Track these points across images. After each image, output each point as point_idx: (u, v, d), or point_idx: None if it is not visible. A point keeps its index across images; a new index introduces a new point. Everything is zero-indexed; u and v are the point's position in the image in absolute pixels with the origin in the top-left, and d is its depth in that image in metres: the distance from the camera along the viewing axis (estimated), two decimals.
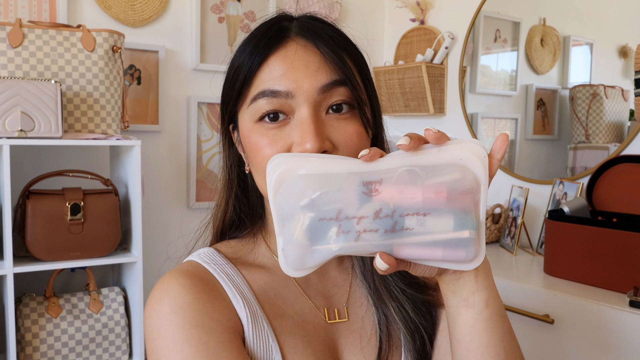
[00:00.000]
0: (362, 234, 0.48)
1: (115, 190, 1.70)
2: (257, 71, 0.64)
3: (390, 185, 0.47)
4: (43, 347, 1.58)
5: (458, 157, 0.48)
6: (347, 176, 0.48)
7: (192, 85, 2.14)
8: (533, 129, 2.09)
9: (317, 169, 0.50)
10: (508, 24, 2.17)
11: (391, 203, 0.47)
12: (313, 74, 0.62)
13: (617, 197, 1.66)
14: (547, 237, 1.58)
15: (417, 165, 0.48)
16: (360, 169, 0.49)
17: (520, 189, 1.93)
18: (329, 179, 0.49)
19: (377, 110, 0.70)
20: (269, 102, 0.62)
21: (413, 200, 0.47)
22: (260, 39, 0.65)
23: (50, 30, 1.61)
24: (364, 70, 0.68)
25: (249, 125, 0.65)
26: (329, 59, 0.63)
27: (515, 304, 1.48)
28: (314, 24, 0.66)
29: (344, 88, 0.62)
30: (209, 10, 2.14)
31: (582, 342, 1.35)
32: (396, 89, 2.37)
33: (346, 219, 0.48)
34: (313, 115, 0.61)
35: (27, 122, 1.47)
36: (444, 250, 0.48)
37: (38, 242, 1.55)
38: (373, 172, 0.48)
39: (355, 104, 0.64)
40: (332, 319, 0.69)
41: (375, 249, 0.48)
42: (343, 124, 0.63)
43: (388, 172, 0.48)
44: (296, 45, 0.64)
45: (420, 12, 2.41)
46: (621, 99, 1.83)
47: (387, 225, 0.47)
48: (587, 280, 1.47)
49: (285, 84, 0.61)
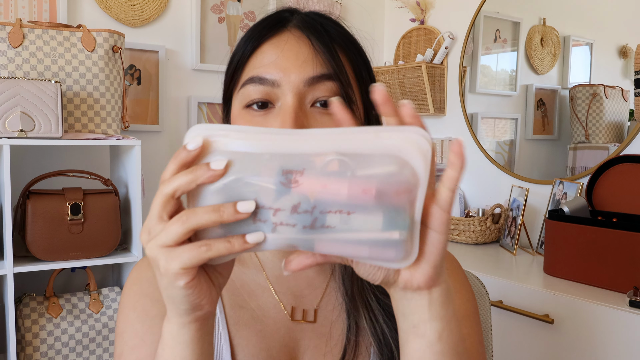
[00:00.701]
0: (278, 227, 0.43)
1: (116, 190, 1.70)
2: (249, 57, 0.64)
3: (313, 177, 0.42)
4: (43, 347, 1.58)
5: (397, 147, 0.42)
6: (268, 159, 0.42)
7: (192, 85, 2.14)
8: (533, 129, 2.09)
9: (235, 145, 0.43)
10: (508, 24, 2.17)
11: (312, 198, 0.42)
12: (301, 65, 0.61)
13: (617, 197, 1.66)
14: (547, 237, 1.58)
15: (347, 154, 0.42)
16: (284, 149, 0.43)
17: (520, 189, 1.93)
18: (247, 160, 0.43)
19: (370, 111, 0.67)
20: (256, 89, 0.62)
21: (337, 196, 0.42)
22: (257, 26, 0.66)
23: (50, 30, 1.61)
24: (359, 69, 0.66)
25: (237, 110, 0.65)
26: (320, 51, 0.62)
27: (515, 304, 1.48)
28: (315, 18, 0.66)
29: (331, 83, 0.61)
30: (209, 10, 2.14)
31: (582, 342, 1.35)
32: (396, 89, 2.37)
33: (262, 209, 0.43)
34: (295, 106, 0.60)
35: (27, 122, 1.47)
36: (370, 249, 0.43)
37: (38, 242, 1.55)
38: (297, 157, 0.42)
39: (343, 101, 0.62)
40: (296, 319, 0.68)
41: (294, 244, 0.44)
42: (326, 119, 0.61)
43: (313, 157, 0.42)
44: (290, 36, 0.64)
45: (420, 12, 2.41)
46: (621, 99, 1.83)
47: (306, 222, 0.42)
48: (587, 280, 1.47)
49: (273, 72, 0.61)
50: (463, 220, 2.02)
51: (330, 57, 0.62)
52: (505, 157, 2.17)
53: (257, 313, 0.68)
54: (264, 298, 0.69)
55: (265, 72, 0.62)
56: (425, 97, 2.29)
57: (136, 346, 0.65)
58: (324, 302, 0.70)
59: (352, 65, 0.65)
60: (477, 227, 1.99)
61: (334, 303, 0.70)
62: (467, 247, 1.99)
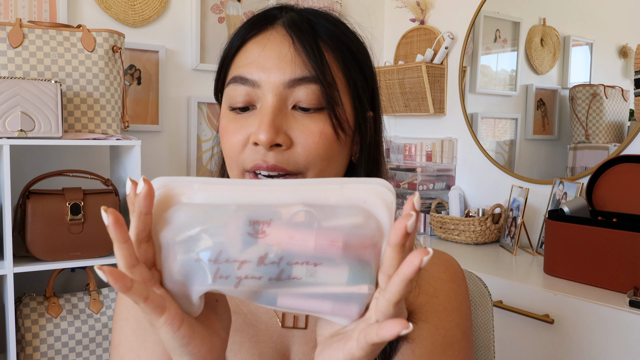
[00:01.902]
0: (243, 280, 0.41)
1: (115, 190, 1.70)
2: (235, 55, 0.63)
3: (280, 228, 0.41)
4: (43, 347, 1.58)
5: (362, 199, 0.42)
6: (234, 210, 0.42)
7: (192, 85, 2.14)
8: (533, 129, 2.09)
9: (201, 197, 0.43)
10: (508, 24, 2.17)
11: (279, 249, 0.41)
12: (283, 65, 0.59)
13: (617, 197, 1.66)
14: (547, 237, 1.58)
15: (313, 205, 0.41)
16: (250, 200, 0.42)
17: (520, 189, 1.93)
18: (213, 212, 0.42)
19: (362, 114, 0.64)
20: (238, 89, 0.60)
21: (304, 247, 0.41)
22: (245, 23, 0.64)
23: (50, 30, 1.61)
24: (348, 69, 0.63)
25: (223, 108, 0.64)
26: (303, 52, 0.59)
27: (515, 304, 1.48)
28: (305, 16, 0.63)
29: (313, 85, 0.59)
30: (209, 10, 2.14)
31: (582, 342, 1.35)
32: (396, 89, 2.37)
33: (226, 262, 0.41)
34: (274, 107, 0.58)
35: (27, 122, 1.47)
36: (334, 304, 0.42)
37: (38, 242, 1.55)
38: (264, 208, 0.42)
39: (325, 104, 0.60)
40: (287, 325, 0.67)
41: (257, 297, 0.43)
42: (307, 120, 0.59)
43: (280, 208, 0.41)
44: (274, 34, 0.61)
45: (420, 12, 2.41)
46: (621, 99, 1.83)
47: (272, 274, 0.41)
48: (587, 280, 1.47)
49: (254, 72, 0.60)
50: (463, 220, 2.02)
51: (312, 57, 0.59)
52: (505, 157, 2.17)
53: (249, 318, 0.67)
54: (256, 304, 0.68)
55: (247, 71, 0.60)
56: (425, 97, 2.29)
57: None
58: None
59: (340, 65, 0.62)
60: (477, 227, 1.99)
61: None
62: (467, 247, 1.99)
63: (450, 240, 2.08)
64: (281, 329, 0.67)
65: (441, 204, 2.23)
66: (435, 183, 2.30)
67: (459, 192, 2.17)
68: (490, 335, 0.93)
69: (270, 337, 0.66)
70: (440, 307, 0.69)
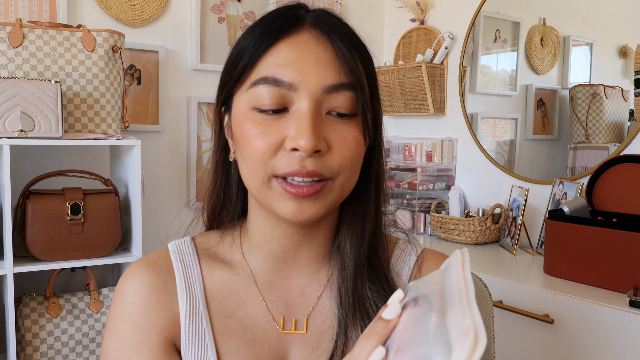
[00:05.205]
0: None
1: (115, 190, 1.70)
2: (263, 55, 0.59)
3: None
4: (43, 347, 1.58)
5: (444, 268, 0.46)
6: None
7: (192, 85, 2.14)
8: (533, 129, 2.09)
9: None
10: (508, 24, 2.17)
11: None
12: (322, 70, 0.58)
13: (617, 197, 1.66)
14: (547, 237, 1.58)
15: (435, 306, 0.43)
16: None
17: (520, 189, 1.93)
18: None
19: (379, 116, 0.66)
20: (269, 90, 0.58)
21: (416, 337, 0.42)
22: (272, 22, 0.61)
23: (50, 31, 1.61)
24: (372, 75, 0.64)
25: (244, 110, 0.60)
26: (342, 57, 0.59)
27: (515, 304, 1.48)
28: (329, 18, 0.62)
29: (350, 92, 0.59)
30: (209, 10, 2.14)
31: (582, 342, 1.35)
32: (396, 89, 2.37)
33: None
34: (313, 112, 0.57)
35: (27, 122, 1.47)
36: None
37: (38, 242, 1.55)
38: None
39: (359, 111, 0.60)
40: (287, 329, 0.66)
41: None
42: (342, 127, 0.59)
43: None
44: (309, 36, 0.59)
45: (420, 12, 2.41)
46: (621, 99, 1.83)
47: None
48: (587, 280, 1.47)
49: (290, 74, 0.58)
50: (463, 220, 2.02)
51: (351, 63, 0.59)
52: (505, 157, 2.17)
53: (246, 322, 0.66)
54: (254, 307, 0.67)
55: (282, 73, 0.58)
56: (425, 97, 2.29)
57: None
58: (316, 312, 0.68)
59: (366, 70, 0.62)
60: (477, 227, 1.99)
61: (325, 313, 0.68)
62: (467, 247, 1.99)
63: (450, 240, 2.08)
64: (279, 333, 0.66)
65: (441, 204, 2.24)
66: (435, 183, 2.30)
67: (459, 192, 2.17)
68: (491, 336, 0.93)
69: (268, 340, 0.66)
70: None
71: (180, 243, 0.72)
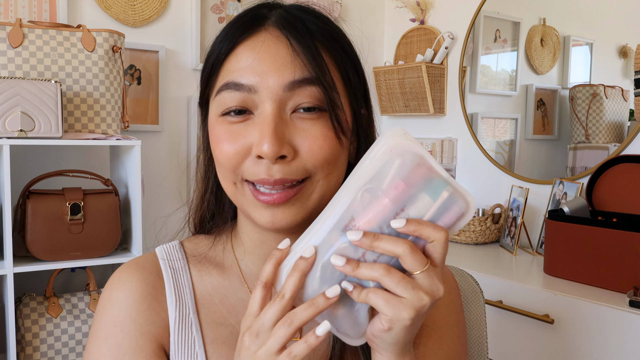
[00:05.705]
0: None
1: (115, 190, 1.70)
2: (224, 60, 0.60)
3: (362, 214, 0.49)
4: (43, 347, 1.58)
5: (388, 150, 0.49)
6: (328, 235, 0.50)
7: (192, 85, 2.14)
8: (533, 129, 2.09)
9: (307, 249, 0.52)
10: (508, 24, 2.17)
11: (374, 225, 0.49)
12: (280, 68, 0.56)
13: (617, 197, 1.66)
14: (547, 237, 1.58)
15: (366, 183, 0.49)
16: (332, 221, 0.51)
17: (520, 189, 1.93)
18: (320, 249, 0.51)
19: (358, 109, 0.63)
20: (232, 96, 0.57)
21: (386, 208, 0.49)
22: (232, 25, 0.60)
23: (50, 30, 1.61)
24: (345, 69, 0.61)
25: (214, 117, 0.61)
26: (300, 53, 0.57)
27: (515, 304, 1.48)
28: (296, 14, 0.60)
29: (314, 87, 0.57)
30: (209, 10, 2.14)
31: (582, 342, 1.35)
32: (396, 89, 2.37)
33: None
34: (275, 114, 0.56)
35: (27, 122, 1.47)
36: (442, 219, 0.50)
37: (38, 242, 1.55)
38: (343, 215, 0.50)
39: (326, 106, 0.58)
40: None
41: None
42: (309, 124, 0.57)
43: (351, 206, 0.50)
44: (267, 36, 0.58)
45: (420, 12, 2.41)
46: (621, 99, 1.83)
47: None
48: (587, 280, 1.47)
49: (249, 77, 0.57)
50: None
51: (311, 58, 0.57)
52: (505, 157, 2.17)
53: (237, 329, 0.64)
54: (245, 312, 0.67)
55: (241, 76, 0.57)
56: (425, 97, 2.29)
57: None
58: None
59: (337, 65, 0.60)
60: (477, 227, 1.99)
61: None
62: (467, 247, 1.99)
63: (450, 240, 2.08)
64: None
65: None
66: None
67: None
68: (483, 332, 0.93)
69: None
70: (442, 321, 0.68)
71: (168, 248, 0.70)
